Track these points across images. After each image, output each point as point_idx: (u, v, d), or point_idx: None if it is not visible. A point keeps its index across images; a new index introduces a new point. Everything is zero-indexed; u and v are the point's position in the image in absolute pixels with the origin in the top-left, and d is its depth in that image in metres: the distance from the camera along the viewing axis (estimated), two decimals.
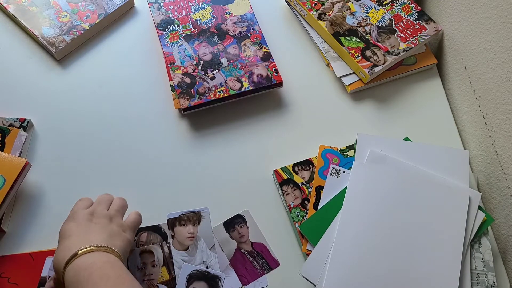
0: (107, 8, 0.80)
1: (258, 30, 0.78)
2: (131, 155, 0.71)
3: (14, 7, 0.78)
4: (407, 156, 0.67)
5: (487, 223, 0.64)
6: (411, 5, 0.80)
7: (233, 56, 0.75)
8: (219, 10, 0.80)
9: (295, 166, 0.69)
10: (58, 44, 0.76)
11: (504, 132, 0.65)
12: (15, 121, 0.70)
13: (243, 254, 0.64)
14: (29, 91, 0.75)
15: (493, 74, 0.66)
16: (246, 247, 0.65)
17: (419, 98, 0.78)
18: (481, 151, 0.71)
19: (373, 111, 0.77)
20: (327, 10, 0.80)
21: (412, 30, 0.78)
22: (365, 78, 0.75)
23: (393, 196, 0.64)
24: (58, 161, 0.70)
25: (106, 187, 0.68)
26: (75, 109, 0.74)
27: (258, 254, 0.64)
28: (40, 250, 0.63)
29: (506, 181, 0.65)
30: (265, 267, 0.64)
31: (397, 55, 0.76)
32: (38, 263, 0.61)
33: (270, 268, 0.64)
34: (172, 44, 0.76)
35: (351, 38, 0.77)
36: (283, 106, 0.77)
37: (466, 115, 0.75)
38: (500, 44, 0.63)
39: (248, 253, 0.64)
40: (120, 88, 0.76)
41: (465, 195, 0.64)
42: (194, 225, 0.60)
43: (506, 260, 0.66)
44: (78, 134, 0.72)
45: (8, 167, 0.63)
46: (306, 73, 0.80)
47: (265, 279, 0.63)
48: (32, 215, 0.66)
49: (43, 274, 0.60)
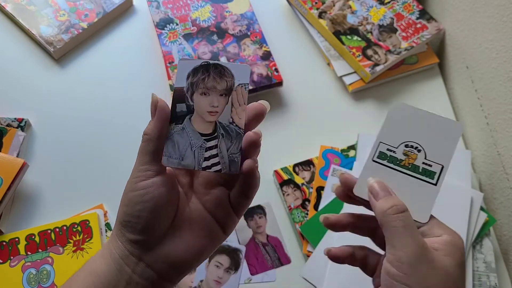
0: (106, 7, 0.79)
1: (258, 29, 0.78)
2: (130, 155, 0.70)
3: (12, 5, 0.78)
4: None
5: (489, 224, 0.63)
6: (413, 4, 0.80)
7: (232, 55, 0.75)
8: (219, 8, 0.79)
9: (296, 167, 0.69)
10: (56, 43, 0.75)
11: (506, 132, 0.64)
12: (12, 121, 0.69)
13: (257, 244, 0.65)
14: (27, 90, 0.74)
15: (495, 74, 0.65)
16: (261, 238, 0.65)
17: (421, 98, 0.78)
18: (483, 151, 0.70)
19: (374, 111, 0.76)
20: (328, 9, 0.79)
21: (414, 29, 0.77)
22: (366, 77, 0.74)
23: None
24: (56, 161, 0.70)
25: (105, 188, 0.68)
26: (73, 108, 0.74)
27: (272, 248, 0.65)
28: None
29: (508, 181, 0.64)
30: (276, 261, 0.64)
31: (399, 54, 0.75)
32: None
33: (281, 263, 0.64)
34: (171, 43, 0.76)
35: (352, 37, 0.77)
36: (283, 105, 0.76)
37: (468, 115, 0.75)
38: (502, 43, 0.63)
39: (262, 245, 0.65)
40: (118, 88, 0.76)
41: (467, 196, 0.63)
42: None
43: (508, 261, 0.65)
44: (76, 134, 0.72)
45: (5, 167, 0.62)
46: (307, 72, 0.79)
47: (274, 273, 0.63)
48: (29, 216, 0.65)
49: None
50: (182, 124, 0.37)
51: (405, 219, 0.36)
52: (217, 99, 0.37)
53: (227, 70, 0.37)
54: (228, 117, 0.37)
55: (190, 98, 0.37)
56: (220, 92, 0.37)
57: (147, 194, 0.36)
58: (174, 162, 0.37)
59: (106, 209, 0.66)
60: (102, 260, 0.37)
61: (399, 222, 0.36)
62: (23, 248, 0.62)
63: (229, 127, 0.37)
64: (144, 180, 0.36)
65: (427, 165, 0.40)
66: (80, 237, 0.63)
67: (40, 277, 0.61)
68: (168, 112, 0.37)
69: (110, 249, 0.37)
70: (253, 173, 0.36)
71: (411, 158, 0.40)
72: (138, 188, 0.36)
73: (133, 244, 0.37)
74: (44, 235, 0.63)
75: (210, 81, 0.37)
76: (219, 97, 0.37)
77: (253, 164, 0.36)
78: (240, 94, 0.37)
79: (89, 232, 0.63)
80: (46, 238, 0.63)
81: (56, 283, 0.60)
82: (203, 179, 0.40)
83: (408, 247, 0.35)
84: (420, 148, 0.40)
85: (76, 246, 0.62)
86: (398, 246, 0.35)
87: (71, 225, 0.63)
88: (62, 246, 0.62)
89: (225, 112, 0.37)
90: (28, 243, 0.62)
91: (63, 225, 0.63)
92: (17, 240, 0.62)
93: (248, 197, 0.38)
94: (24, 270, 0.61)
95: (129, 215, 0.36)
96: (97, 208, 0.66)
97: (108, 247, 0.38)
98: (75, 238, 0.63)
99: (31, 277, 0.60)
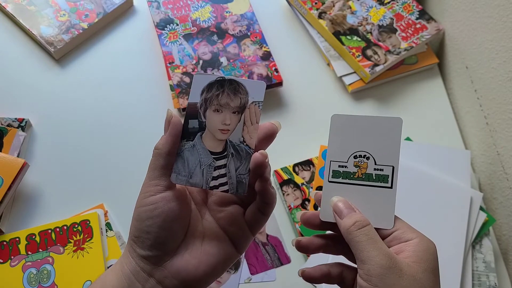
0: (106, 7, 0.79)
1: (258, 29, 0.78)
2: (130, 155, 0.71)
3: (12, 6, 0.78)
4: (408, 157, 0.66)
5: (488, 224, 0.63)
6: (412, 4, 0.80)
7: (232, 55, 0.75)
8: (219, 9, 0.79)
9: (296, 166, 0.69)
10: (56, 44, 0.75)
11: (506, 132, 0.64)
12: (13, 121, 0.69)
13: (257, 244, 0.65)
14: (27, 90, 0.75)
15: (495, 74, 0.65)
16: (261, 238, 0.65)
17: (420, 98, 0.78)
18: (483, 151, 0.71)
19: (374, 111, 0.76)
20: (328, 9, 0.79)
21: (413, 29, 0.78)
22: (366, 77, 0.75)
23: None
24: (57, 161, 0.70)
25: (105, 187, 0.68)
26: (74, 108, 0.74)
27: (272, 247, 0.65)
28: None
29: (507, 181, 0.64)
30: (276, 261, 0.64)
31: (398, 55, 0.75)
32: None
33: (281, 263, 0.64)
34: (171, 43, 0.76)
35: (352, 37, 0.77)
36: (283, 105, 0.76)
37: (468, 115, 0.75)
38: (501, 43, 0.63)
39: (262, 244, 0.65)
40: (119, 88, 0.76)
41: (466, 196, 0.63)
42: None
43: (508, 261, 0.66)
44: (76, 134, 0.72)
45: (6, 167, 0.62)
46: (307, 72, 0.79)
47: (274, 273, 0.63)
48: (30, 215, 0.65)
49: None
50: (193, 141, 0.37)
51: (368, 233, 0.36)
52: (229, 116, 0.36)
53: (241, 87, 0.37)
54: (239, 136, 0.36)
55: (203, 115, 0.37)
56: (233, 110, 0.36)
57: (156, 209, 0.35)
58: (182, 180, 0.36)
59: (106, 209, 0.66)
60: (114, 275, 0.37)
61: (362, 236, 0.36)
62: (24, 248, 0.62)
63: (240, 146, 0.36)
64: (153, 195, 0.36)
65: (379, 170, 0.39)
66: (80, 237, 0.63)
67: (41, 276, 0.61)
68: (180, 128, 0.36)
69: (122, 265, 0.37)
70: (266, 191, 0.36)
71: (363, 168, 0.40)
72: (147, 203, 0.36)
73: (143, 259, 0.36)
74: (44, 235, 0.63)
75: (224, 97, 0.37)
76: (231, 115, 0.37)
77: (266, 183, 0.36)
78: (253, 113, 0.36)
79: (89, 231, 0.63)
80: (47, 238, 0.63)
81: (57, 282, 0.60)
82: (217, 196, 0.40)
83: (374, 260, 0.35)
84: (368, 155, 0.40)
85: (77, 245, 0.62)
86: (365, 260, 0.35)
87: (72, 225, 0.64)
88: (62, 246, 0.62)
89: (237, 130, 0.36)
90: (28, 242, 0.62)
91: (63, 225, 0.64)
92: (17, 240, 0.62)
93: (264, 214, 0.38)
94: (25, 270, 0.61)
95: (139, 230, 0.36)
96: (97, 208, 0.66)
97: (120, 262, 0.38)
98: (76, 237, 0.63)
99: (32, 277, 0.61)
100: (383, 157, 0.40)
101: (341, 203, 0.39)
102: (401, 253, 0.36)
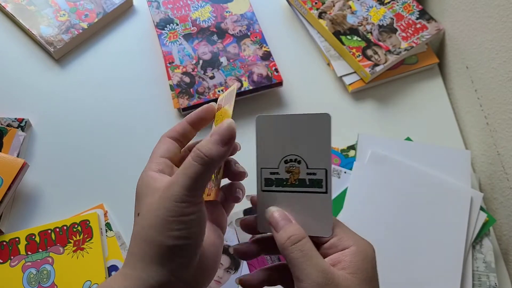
0: (106, 7, 0.79)
1: (258, 29, 0.78)
2: (130, 155, 0.71)
3: (12, 6, 0.78)
4: (408, 157, 0.66)
5: (489, 224, 0.63)
6: (412, 4, 0.80)
7: (232, 55, 0.75)
8: (219, 8, 0.79)
9: None
10: (56, 44, 0.75)
11: (506, 132, 0.64)
12: (13, 121, 0.69)
13: None
14: (27, 90, 0.75)
15: (495, 74, 0.65)
16: None
17: (421, 98, 0.78)
18: (483, 151, 0.71)
19: (374, 111, 0.76)
20: (328, 9, 0.79)
21: (414, 29, 0.77)
22: (366, 77, 0.74)
23: (394, 196, 0.63)
24: (57, 161, 0.70)
25: (105, 188, 0.68)
26: (74, 108, 0.74)
27: None
28: None
29: (508, 181, 0.64)
30: (275, 261, 0.64)
31: (398, 55, 0.75)
32: None
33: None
34: (171, 43, 0.76)
35: (352, 37, 0.77)
36: (283, 105, 0.76)
37: (468, 115, 0.75)
38: (501, 43, 0.63)
39: None
40: (119, 88, 0.76)
41: (466, 196, 0.63)
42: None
43: (508, 261, 0.65)
44: (76, 134, 0.72)
45: (6, 168, 0.62)
46: (307, 72, 0.79)
47: None
48: (30, 215, 0.65)
49: None
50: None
51: (303, 248, 0.35)
52: None
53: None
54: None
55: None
56: None
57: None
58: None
59: (106, 209, 0.66)
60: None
61: (297, 253, 0.35)
62: (24, 248, 0.62)
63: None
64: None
65: (312, 174, 0.37)
66: (80, 237, 0.63)
67: (40, 277, 0.61)
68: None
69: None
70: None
71: (295, 174, 0.37)
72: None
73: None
74: (44, 235, 0.63)
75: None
76: None
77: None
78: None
79: (89, 232, 0.63)
80: (46, 238, 0.63)
81: (56, 283, 0.60)
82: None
83: (310, 278, 0.34)
84: (299, 158, 0.37)
85: (77, 246, 0.62)
86: (301, 278, 0.34)
87: (71, 225, 0.64)
88: (62, 246, 0.62)
89: None
90: (28, 243, 0.62)
91: (63, 225, 0.63)
92: (17, 240, 0.62)
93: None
94: (24, 270, 0.61)
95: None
96: (97, 208, 0.66)
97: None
98: (75, 238, 0.63)
99: (31, 277, 0.61)
100: (314, 159, 0.37)
101: (276, 214, 0.37)
102: (338, 264, 0.35)
